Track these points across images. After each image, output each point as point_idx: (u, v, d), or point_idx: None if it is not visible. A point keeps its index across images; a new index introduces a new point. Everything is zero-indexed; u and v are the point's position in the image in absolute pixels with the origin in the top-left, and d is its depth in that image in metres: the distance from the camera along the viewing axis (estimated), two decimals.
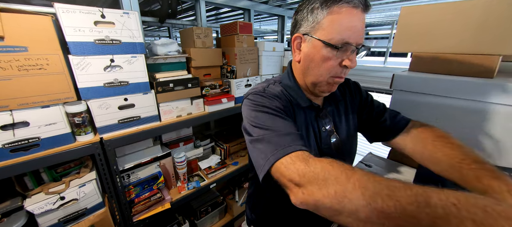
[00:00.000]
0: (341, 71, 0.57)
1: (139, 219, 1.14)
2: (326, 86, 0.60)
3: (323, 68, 0.57)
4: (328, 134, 0.68)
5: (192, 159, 1.45)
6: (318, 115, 0.68)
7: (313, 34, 0.55)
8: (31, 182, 0.89)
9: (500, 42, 0.68)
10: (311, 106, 0.66)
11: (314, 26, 0.55)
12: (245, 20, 1.95)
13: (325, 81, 0.59)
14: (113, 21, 0.90)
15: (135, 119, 1.05)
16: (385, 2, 1.87)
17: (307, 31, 0.56)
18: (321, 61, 0.56)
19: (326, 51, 0.54)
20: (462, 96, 0.73)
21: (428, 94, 0.80)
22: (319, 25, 0.54)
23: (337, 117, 0.72)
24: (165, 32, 4.95)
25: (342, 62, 0.55)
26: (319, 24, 0.53)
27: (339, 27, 0.51)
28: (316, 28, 0.54)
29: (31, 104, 0.79)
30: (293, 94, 0.65)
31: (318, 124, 0.67)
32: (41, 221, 0.86)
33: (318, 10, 0.53)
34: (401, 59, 4.30)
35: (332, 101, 0.71)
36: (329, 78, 0.58)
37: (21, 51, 0.74)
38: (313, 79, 0.60)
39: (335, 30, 0.52)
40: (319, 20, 0.53)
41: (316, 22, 0.54)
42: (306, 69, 0.61)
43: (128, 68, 0.97)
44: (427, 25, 0.81)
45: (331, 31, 0.52)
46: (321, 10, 0.53)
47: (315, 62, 0.57)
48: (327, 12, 0.52)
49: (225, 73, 1.46)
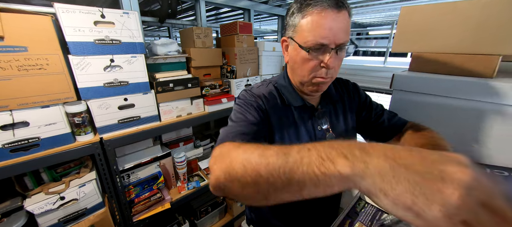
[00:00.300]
0: (322, 72, 0.58)
1: (139, 219, 1.14)
2: (311, 86, 0.62)
3: (305, 69, 0.59)
4: (324, 133, 0.69)
5: (192, 159, 1.45)
6: (313, 114, 0.69)
7: (294, 37, 0.58)
8: (31, 182, 0.89)
9: (500, 42, 0.68)
10: (304, 105, 0.68)
11: (294, 30, 0.58)
12: (245, 20, 1.95)
13: (309, 81, 0.61)
14: (113, 21, 0.90)
15: (135, 119, 1.05)
16: (385, 2, 1.87)
17: (289, 34, 0.60)
18: (301, 63, 0.59)
19: (304, 53, 0.56)
20: (462, 96, 0.73)
21: (428, 94, 0.80)
22: (296, 29, 0.57)
23: (334, 117, 0.73)
24: (165, 32, 4.95)
25: (321, 62, 0.56)
26: (296, 27, 0.57)
27: (312, 29, 0.53)
28: (295, 32, 0.57)
29: (31, 104, 0.79)
30: (287, 94, 0.68)
31: (313, 124, 0.69)
32: (41, 221, 0.86)
33: (295, 14, 0.56)
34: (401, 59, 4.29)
35: (329, 101, 0.72)
36: (312, 78, 0.60)
37: (21, 51, 0.74)
38: (299, 78, 0.63)
39: (309, 32, 0.53)
40: (296, 24, 0.56)
41: (294, 26, 0.57)
42: (292, 70, 0.65)
43: (128, 68, 0.97)
44: (427, 25, 0.81)
45: (306, 34, 0.54)
46: (297, 14, 0.55)
47: (297, 63, 0.60)
48: (301, 16, 0.54)
49: (225, 73, 1.46)
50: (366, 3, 1.94)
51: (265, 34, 4.66)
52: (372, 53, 5.81)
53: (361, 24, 3.61)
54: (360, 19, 3.04)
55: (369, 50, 5.79)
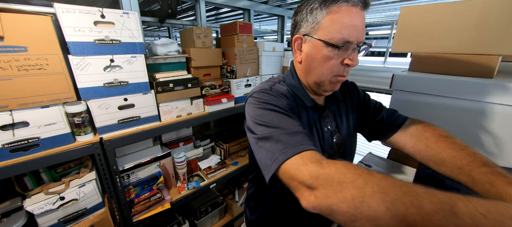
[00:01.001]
0: (343, 70, 0.57)
1: (139, 219, 1.14)
2: (329, 85, 0.60)
3: (325, 68, 0.57)
4: (331, 134, 0.69)
5: (192, 159, 1.45)
6: (321, 115, 0.68)
7: (314, 34, 0.55)
8: (31, 182, 0.89)
9: (500, 42, 0.68)
10: (315, 106, 0.66)
11: (314, 27, 0.55)
12: (245, 20, 1.95)
13: (327, 80, 0.59)
14: (113, 21, 0.90)
15: (135, 119, 1.05)
16: (385, 2, 1.87)
17: (307, 31, 0.56)
18: (322, 61, 0.56)
19: (327, 50, 0.54)
20: (462, 96, 0.73)
21: (427, 94, 0.80)
22: (319, 25, 0.54)
23: (338, 117, 0.72)
24: (165, 32, 4.95)
25: (343, 60, 0.55)
26: (319, 24, 0.54)
27: (339, 26, 0.51)
28: (316, 28, 0.54)
29: (31, 104, 0.79)
30: (298, 94, 0.65)
31: (321, 124, 0.68)
32: (41, 221, 0.86)
33: (317, 10, 0.53)
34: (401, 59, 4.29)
35: (334, 101, 0.72)
36: (332, 77, 0.58)
37: (21, 51, 0.74)
38: (315, 78, 0.60)
39: (335, 29, 0.52)
40: (319, 20, 0.53)
41: (315, 22, 0.54)
42: (308, 69, 0.61)
43: (128, 68, 0.97)
44: (427, 25, 0.81)
45: (331, 30, 0.52)
46: (320, 10, 0.53)
47: (317, 61, 0.57)
48: (326, 12, 0.52)
49: (225, 73, 1.46)
50: None
51: (265, 34, 4.66)
52: (372, 53, 5.81)
53: None
54: None
55: (369, 50, 5.79)
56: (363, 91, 0.79)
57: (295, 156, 0.43)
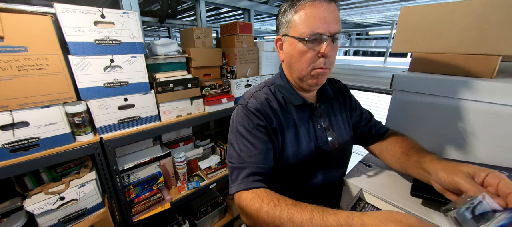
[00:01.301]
0: (321, 62, 0.59)
1: (139, 219, 1.14)
2: (311, 78, 0.62)
3: (303, 62, 0.60)
4: (324, 130, 0.70)
5: (192, 159, 1.45)
6: (313, 113, 0.70)
7: (289, 33, 0.60)
8: (31, 182, 0.89)
9: (500, 42, 0.68)
10: (305, 104, 0.68)
11: (287, 26, 0.60)
12: (245, 20, 1.95)
13: (308, 74, 0.61)
14: (113, 21, 0.90)
15: (135, 119, 1.05)
16: (385, 2, 1.87)
17: (283, 32, 0.62)
18: (299, 56, 0.60)
19: (301, 45, 0.58)
20: (462, 96, 0.73)
21: (428, 94, 0.80)
22: (290, 24, 0.59)
23: (332, 115, 0.74)
24: (165, 32, 4.95)
25: (318, 52, 0.58)
26: (290, 23, 0.59)
27: (306, 21, 0.55)
28: (290, 27, 0.59)
29: (31, 104, 0.79)
30: (286, 93, 0.68)
31: (313, 122, 0.69)
32: (41, 221, 0.86)
33: (287, 11, 0.59)
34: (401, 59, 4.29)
35: (326, 99, 0.74)
36: (311, 70, 0.60)
37: (21, 51, 0.74)
38: (297, 74, 0.63)
39: (304, 25, 0.56)
40: (290, 19, 0.59)
41: (287, 22, 0.60)
42: (289, 66, 0.65)
43: (128, 68, 0.97)
44: (427, 25, 0.81)
45: (301, 26, 0.56)
46: (289, 11, 0.59)
47: (295, 57, 0.61)
48: (294, 11, 0.57)
49: (225, 73, 1.46)
50: (366, 3, 1.94)
51: (265, 34, 4.66)
52: (372, 53, 5.81)
53: (361, 24, 3.61)
54: (360, 19, 3.04)
55: (369, 50, 5.80)
56: (353, 96, 0.84)
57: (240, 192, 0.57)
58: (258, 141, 0.61)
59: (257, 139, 0.61)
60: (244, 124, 0.63)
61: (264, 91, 0.69)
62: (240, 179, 0.58)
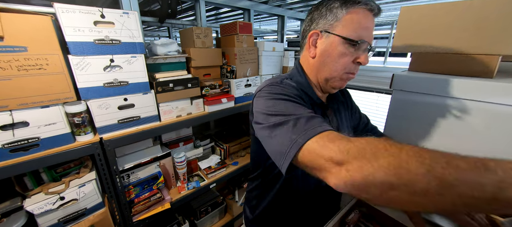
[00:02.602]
0: (354, 68, 0.60)
1: (139, 219, 1.14)
2: (338, 81, 0.63)
3: (339, 64, 0.59)
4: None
5: (192, 159, 1.45)
6: (325, 112, 0.70)
7: (332, 30, 0.58)
8: (30, 182, 0.89)
9: (500, 42, 0.68)
10: (321, 103, 0.69)
11: (332, 24, 0.58)
12: (245, 20, 1.95)
13: (338, 77, 0.62)
14: (112, 21, 0.90)
15: (135, 119, 1.05)
16: (385, 2, 1.87)
17: (325, 28, 0.59)
18: (337, 57, 0.59)
19: (343, 47, 0.57)
20: (461, 96, 0.73)
21: (427, 94, 0.80)
22: (337, 23, 0.57)
23: (338, 116, 0.75)
24: (165, 32, 4.95)
25: (356, 59, 0.58)
26: (338, 21, 0.57)
27: (356, 26, 0.56)
28: (335, 26, 0.58)
29: (30, 104, 0.79)
30: (306, 91, 0.66)
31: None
32: (40, 221, 0.86)
33: (338, 9, 0.57)
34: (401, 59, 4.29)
35: (335, 101, 0.75)
36: (343, 74, 0.61)
37: (21, 51, 0.74)
38: (327, 74, 0.62)
39: (353, 28, 0.56)
40: (339, 18, 0.57)
41: (335, 19, 0.57)
42: (321, 65, 0.63)
43: (128, 68, 0.97)
44: (427, 25, 0.81)
45: (349, 28, 0.56)
46: (340, 9, 0.57)
47: (332, 57, 0.60)
48: (347, 11, 0.56)
49: (225, 73, 1.46)
50: None
51: (265, 34, 4.65)
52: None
53: None
54: None
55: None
56: (353, 101, 0.86)
57: (317, 136, 0.42)
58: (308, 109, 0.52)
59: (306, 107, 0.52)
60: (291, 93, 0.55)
61: (290, 83, 0.63)
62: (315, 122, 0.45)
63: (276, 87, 0.58)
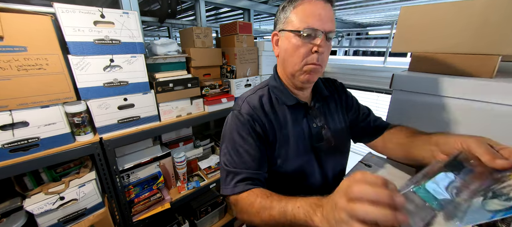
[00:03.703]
0: (314, 58, 0.60)
1: (139, 219, 1.14)
2: (303, 75, 0.63)
3: (296, 56, 0.61)
4: (320, 129, 0.70)
5: (192, 159, 1.45)
6: (308, 112, 0.70)
7: (285, 28, 0.62)
8: (30, 182, 0.89)
9: (500, 42, 0.68)
10: (298, 103, 0.69)
11: (284, 22, 0.62)
12: (244, 20, 1.95)
13: (300, 70, 0.63)
14: (112, 21, 0.90)
15: (135, 119, 1.05)
16: (384, 2, 1.87)
17: (280, 27, 0.64)
18: (293, 50, 0.61)
19: (295, 39, 0.60)
20: (461, 96, 0.73)
21: (427, 94, 0.80)
22: (287, 20, 0.61)
23: (328, 114, 0.74)
24: (165, 32, 4.95)
25: (312, 48, 0.59)
26: (287, 19, 0.61)
27: (302, 16, 0.58)
28: (286, 23, 0.62)
29: (30, 104, 0.79)
30: (279, 94, 0.69)
31: (308, 121, 0.69)
32: (40, 221, 0.86)
33: (286, 7, 0.62)
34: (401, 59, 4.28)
35: (320, 98, 0.74)
36: (304, 65, 0.62)
37: (21, 51, 0.74)
38: (290, 69, 0.65)
39: (300, 20, 0.58)
40: (288, 15, 0.61)
41: (285, 18, 0.62)
42: (283, 61, 0.66)
43: (128, 68, 0.97)
44: (427, 25, 0.81)
45: (297, 21, 0.59)
46: (288, 7, 0.61)
47: (289, 52, 0.62)
48: (293, 7, 0.60)
49: (225, 73, 1.46)
50: (366, 3, 1.94)
51: (265, 34, 4.65)
52: (372, 53, 5.81)
53: (361, 24, 3.61)
54: (360, 19, 3.04)
55: (369, 50, 5.80)
56: (350, 93, 0.84)
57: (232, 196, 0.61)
58: (251, 148, 0.62)
59: (250, 145, 0.62)
60: (238, 130, 0.64)
61: (257, 95, 0.69)
62: (234, 182, 0.61)
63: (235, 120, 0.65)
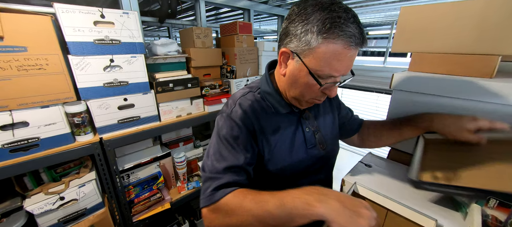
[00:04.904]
0: (322, 96, 0.58)
1: (139, 219, 1.14)
2: (305, 104, 0.63)
3: (306, 93, 0.57)
4: (313, 133, 0.70)
5: (192, 159, 1.45)
6: (302, 116, 0.68)
7: (303, 57, 0.52)
8: (30, 182, 0.89)
9: (500, 42, 0.68)
10: (292, 111, 0.66)
11: (304, 49, 0.50)
12: (244, 20, 1.95)
13: (305, 101, 0.61)
14: (112, 21, 0.90)
15: (135, 119, 1.05)
16: (384, 2, 1.87)
17: (296, 50, 0.52)
18: (304, 86, 0.56)
19: (311, 79, 0.52)
20: (461, 96, 0.73)
21: (427, 94, 0.80)
22: (310, 51, 0.50)
23: (320, 117, 0.73)
24: (165, 32, 4.95)
25: (323, 89, 0.55)
26: (310, 49, 0.49)
27: (329, 60, 0.49)
28: (307, 53, 0.50)
29: (30, 104, 0.79)
30: (273, 102, 0.64)
31: (302, 126, 0.68)
32: (40, 221, 0.86)
33: (313, 34, 0.48)
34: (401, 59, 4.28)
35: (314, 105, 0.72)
36: (310, 99, 0.60)
37: (21, 51, 0.74)
38: (294, 95, 0.61)
39: (325, 62, 0.49)
40: (312, 45, 0.49)
41: (308, 46, 0.49)
42: (289, 85, 0.60)
43: (128, 68, 0.97)
44: (427, 25, 0.81)
45: (321, 62, 0.50)
46: (316, 35, 0.48)
47: (299, 84, 0.56)
48: (322, 40, 0.47)
49: (225, 73, 1.46)
50: (366, 3, 1.94)
51: (265, 34, 4.65)
52: (372, 53, 5.81)
53: None
54: (360, 19, 3.03)
55: (369, 50, 5.80)
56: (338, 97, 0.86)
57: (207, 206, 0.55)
58: (238, 152, 0.58)
59: (238, 150, 0.58)
60: (227, 133, 0.59)
61: (248, 97, 0.64)
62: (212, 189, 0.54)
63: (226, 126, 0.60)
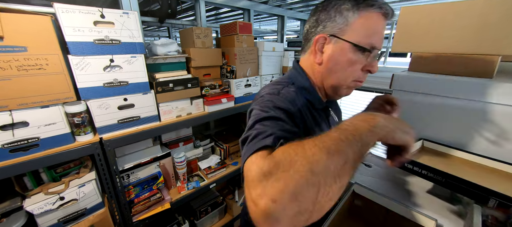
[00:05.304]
0: (363, 76, 0.57)
1: (139, 219, 1.14)
2: (345, 90, 0.60)
3: (348, 72, 0.55)
4: None
5: (192, 159, 1.45)
6: (329, 114, 0.69)
7: (341, 36, 0.52)
8: (30, 182, 0.89)
9: (500, 42, 0.68)
10: (325, 107, 0.67)
11: (342, 28, 0.52)
12: (244, 20, 1.95)
13: (346, 85, 0.58)
14: (112, 21, 0.90)
15: (135, 119, 1.05)
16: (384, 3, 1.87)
17: (333, 32, 0.53)
18: (346, 65, 0.54)
19: (354, 55, 0.53)
20: (461, 96, 0.73)
21: (427, 94, 0.80)
22: (348, 27, 0.52)
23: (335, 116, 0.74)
24: (165, 32, 4.95)
25: (365, 67, 0.55)
26: (348, 26, 0.51)
27: (369, 31, 0.51)
28: (345, 30, 0.52)
29: (30, 104, 0.79)
30: (309, 97, 0.61)
31: (329, 120, 0.69)
32: (40, 221, 0.86)
33: (348, 11, 0.51)
34: (401, 59, 4.29)
35: (333, 102, 0.74)
36: (351, 82, 0.57)
37: (21, 51, 0.74)
38: (334, 82, 0.58)
39: (365, 34, 0.51)
40: (349, 22, 0.51)
41: (345, 23, 0.52)
42: (328, 72, 0.58)
43: (128, 68, 0.97)
44: (427, 25, 0.81)
45: (361, 34, 0.51)
46: (351, 12, 0.51)
47: (340, 65, 0.55)
48: (359, 15, 0.50)
49: (225, 73, 1.46)
50: None
51: (265, 34, 4.66)
52: None
53: None
54: None
55: None
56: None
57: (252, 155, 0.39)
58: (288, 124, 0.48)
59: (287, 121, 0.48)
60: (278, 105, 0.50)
61: (291, 89, 0.58)
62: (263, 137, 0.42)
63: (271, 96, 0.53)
